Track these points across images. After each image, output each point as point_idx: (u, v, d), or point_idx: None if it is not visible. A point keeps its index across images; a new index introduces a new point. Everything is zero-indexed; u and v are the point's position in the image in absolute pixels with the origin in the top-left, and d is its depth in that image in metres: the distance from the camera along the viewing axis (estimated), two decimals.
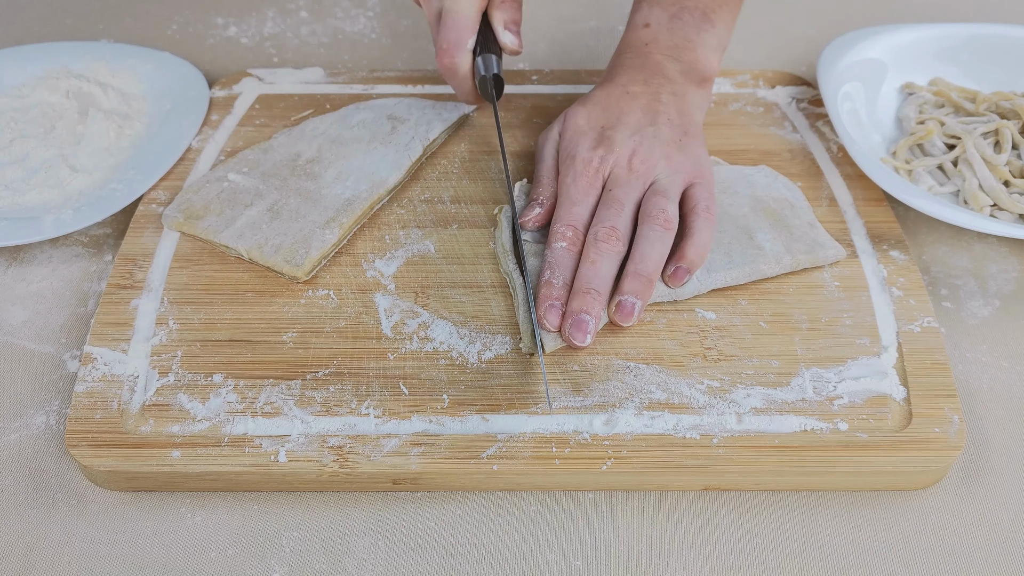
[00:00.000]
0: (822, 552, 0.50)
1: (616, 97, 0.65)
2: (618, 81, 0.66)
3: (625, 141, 0.62)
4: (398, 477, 0.51)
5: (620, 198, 0.59)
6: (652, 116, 0.64)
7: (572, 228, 0.59)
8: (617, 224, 0.58)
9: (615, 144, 0.62)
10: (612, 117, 0.64)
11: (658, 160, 0.61)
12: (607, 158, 0.62)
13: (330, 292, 0.60)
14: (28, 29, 0.87)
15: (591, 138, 0.63)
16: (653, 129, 0.63)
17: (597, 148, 0.62)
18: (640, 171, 0.61)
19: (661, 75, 0.66)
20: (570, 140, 0.64)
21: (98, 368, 0.56)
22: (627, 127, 0.63)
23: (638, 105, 0.64)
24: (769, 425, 0.53)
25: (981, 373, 0.58)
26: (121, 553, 0.50)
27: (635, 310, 0.56)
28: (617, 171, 0.61)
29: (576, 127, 0.65)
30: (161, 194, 0.67)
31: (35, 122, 0.72)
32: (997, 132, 0.69)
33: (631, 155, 0.62)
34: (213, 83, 0.78)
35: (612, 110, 0.64)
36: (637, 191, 0.60)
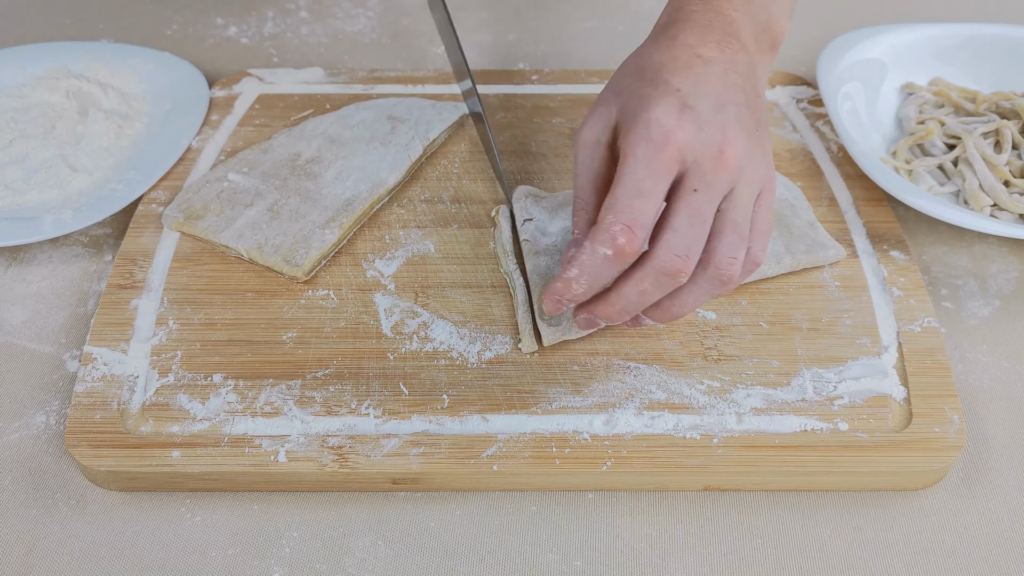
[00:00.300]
0: (822, 552, 0.50)
1: (686, 61, 0.49)
2: (683, 40, 0.50)
3: (712, 118, 0.47)
4: (398, 477, 0.51)
5: (704, 210, 0.46)
6: (733, 92, 0.49)
7: (628, 233, 0.45)
8: (692, 252, 0.46)
9: (701, 119, 0.47)
10: (689, 82, 0.48)
11: (745, 156, 0.47)
12: (694, 136, 0.46)
13: (330, 292, 0.60)
14: (28, 29, 0.87)
15: (670, 103, 0.47)
16: (736, 110, 0.48)
17: (681, 116, 0.46)
18: (731, 168, 0.46)
19: (735, 38, 0.51)
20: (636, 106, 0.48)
21: (98, 368, 0.56)
22: (710, 99, 0.48)
23: (715, 73, 0.49)
24: (769, 425, 0.53)
25: (981, 373, 0.58)
26: (121, 553, 0.50)
27: (644, 325, 0.51)
28: (703, 162, 0.46)
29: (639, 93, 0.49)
30: (161, 194, 0.67)
31: (35, 122, 0.72)
32: (997, 132, 0.69)
33: (722, 141, 0.47)
34: (213, 83, 0.78)
35: (685, 74, 0.49)
36: (719, 198, 0.47)
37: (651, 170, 0.46)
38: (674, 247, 0.45)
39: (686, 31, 0.51)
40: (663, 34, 0.52)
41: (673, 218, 0.46)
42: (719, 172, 0.46)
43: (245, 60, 0.83)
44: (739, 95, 0.49)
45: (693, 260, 0.46)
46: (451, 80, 0.78)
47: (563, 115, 0.74)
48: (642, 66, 0.50)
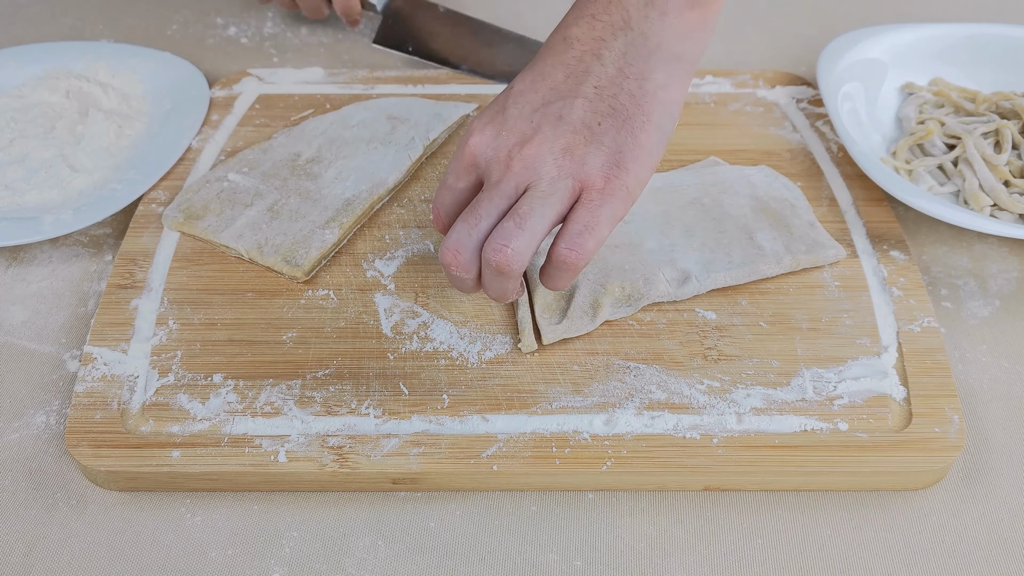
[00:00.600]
0: (822, 552, 0.50)
1: (550, 46, 0.50)
2: (565, 20, 0.51)
3: (521, 121, 0.49)
4: (398, 477, 0.51)
5: (480, 212, 0.48)
6: (575, 82, 0.49)
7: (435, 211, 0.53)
8: (463, 248, 0.48)
9: (506, 124, 0.49)
10: (525, 82, 0.50)
11: (545, 158, 0.48)
12: (489, 143, 0.49)
13: (330, 292, 0.60)
14: (28, 29, 0.87)
15: (491, 109, 0.51)
16: (562, 105, 0.48)
17: (489, 124, 0.50)
18: (516, 171, 0.48)
19: (619, 6, 0.49)
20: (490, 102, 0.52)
21: (98, 368, 0.56)
22: (531, 101, 0.49)
23: (566, 60, 0.49)
24: (769, 425, 0.53)
25: (981, 373, 0.58)
26: (121, 553, 0.50)
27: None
28: (492, 167, 0.49)
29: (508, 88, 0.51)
30: (161, 194, 0.67)
31: (35, 122, 0.72)
32: (997, 132, 0.69)
33: (515, 144, 0.48)
34: (213, 83, 0.78)
35: (532, 72, 0.50)
36: (507, 198, 0.49)
37: (454, 166, 0.51)
38: (448, 240, 0.49)
39: (573, 9, 0.51)
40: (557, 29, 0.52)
41: (459, 220, 0.49)
42: (504, 176, 0.49)
43: (245, 60, 0.83)
44: (584, 85, 0.48)
45: (464, 252, 0.48)
46: (451, 80, 0.78)
47: None
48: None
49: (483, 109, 0.51)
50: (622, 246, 0.60)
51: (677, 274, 0.59)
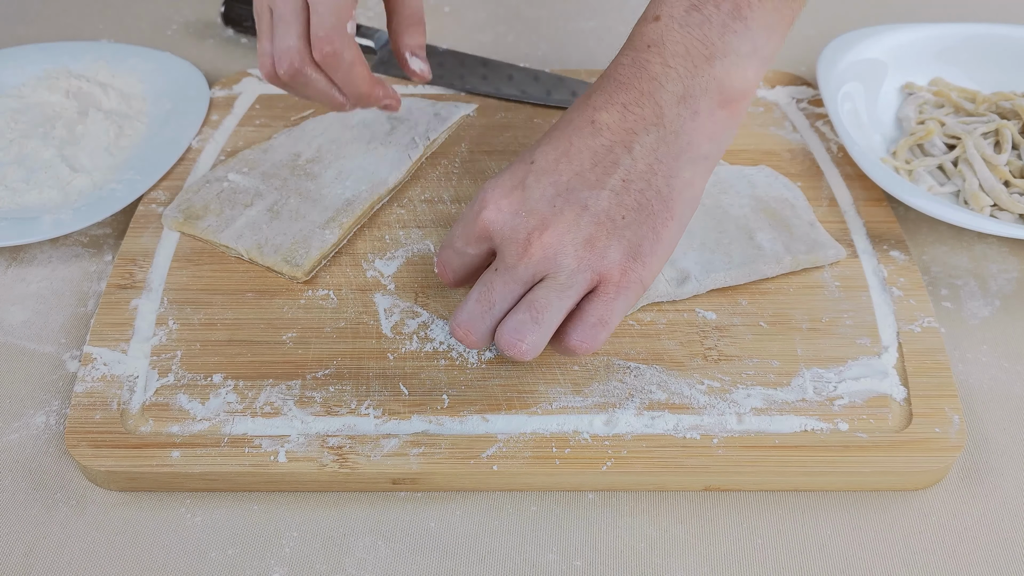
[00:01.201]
0: (822, 552, 0.50)
1: (576, 127, 0.48)
2: (592, 101, 0.49)
3: (541, 202, 0.47)
4: (398, 477, 0.51)
5: (494, 295, 0.48)
6: (602, 172, 0.47)
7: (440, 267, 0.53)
8: (474, 329, 0.49)
9: (527, 202, 0.48)
10: (550, 157, 0.48)
11: (567, 249, 0.47)
12: (507, 220, 0.48)
13: (330, 292, 0.60)
14: (28, 29, 0.87)
15: (512, 176, 0.49)
16: (588, 196, 0.47)
17: (508, 195, 0.48)
18: (535, 259, 0.47)
19: (651, 101, 0.47)
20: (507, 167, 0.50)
21: (98, 368, 0.56)
22: (556, 182, 0.48)
23: (594, 147, 0.48)
24: (769, 425, 0.53)
25: (981, 373, 0.58)
26: (121, 553, 0.50)
27: None
28: (507, 247, 0.48)
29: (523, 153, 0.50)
30: (161, 194, 0.67)
31: (35, 122, 0.72)
32: (997, 132, 0.69)
33: (534, 229, 0.47)
34: (213, 83, 0.78)
35: (557, 145, 0.48)
36: (522, 284, 0.48)
37: (463, 231, 0.50)
38: (458, 318, 0.49)
39: (602, 87, 0.49)
40: (593, 86, 0.50)
41: (471, 292, 0.49)
42: (521, 261, 0.47)
43: (245, 60, 0.83)
44: (612, 175, 0.47)
45: (475, 333, 0.49)
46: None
47: None
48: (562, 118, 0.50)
49: (500, 176, 0.50)
50: None
51: (677, 274, 0.59)
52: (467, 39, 0.85)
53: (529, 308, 0.47)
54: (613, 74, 0.49)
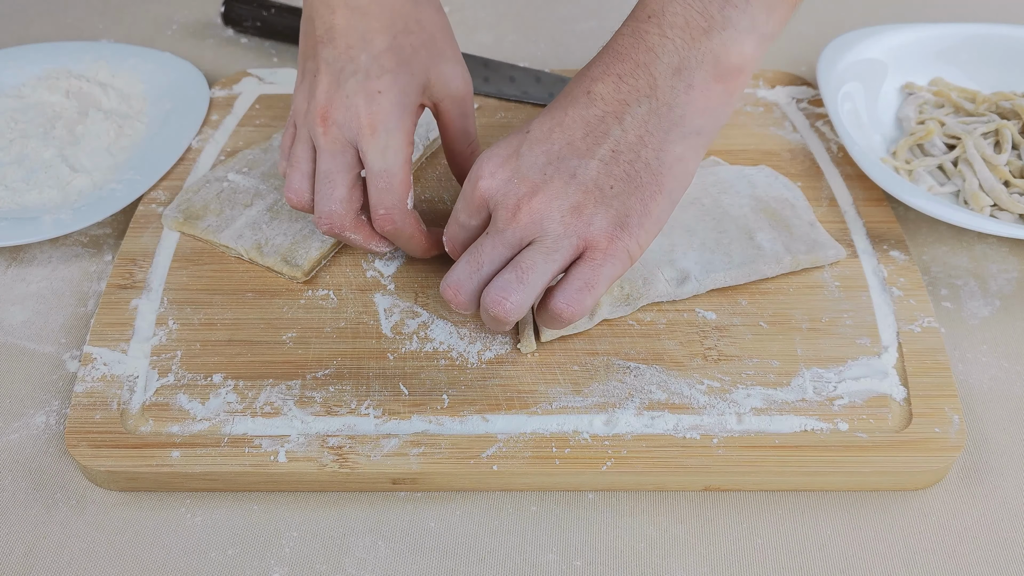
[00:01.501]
0: (822, 552, 0.50)
1: (571, 98, 0.50)
2: (590, 72, 0.50)
3: (533, 171, 0.49)
4: (398, 477, 0.51)
5: (482, 256, 0.50)
6: (593, 142, 0.48)
7: (450, 244, 0.54)
8: (462, 288, 0.50)
9: (519, 170, 0.49)
10: (543, 128, 0.50)
11: (553, 214, 0.48)
12: (500, 187, 0.49)
13: (330, 292, 0.60)
14: (28, 29, 0.87)
15: (506, 147, 0.50)
16: (577, 164, 0.48)
17: (502, 164, 0.50)
18: (522, 223, 0.48)
19: (646, 72, 0.48)
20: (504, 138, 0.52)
21: (98, 368, 0.56)
22: (548, 151, 0.49)
23: (587, 117, 0.49)
24: (769, 425, 0.53)
25: (981, 373, 0.58)
26: (121, 553, 0.50)
27: None
28: (499, 213, 0.49)
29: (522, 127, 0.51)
30: (161, 194, 0.67)
31: (35, 122, 0.72)
32: (997, 132, 0.69)
33: (524, 195, 0.48)
34: (213, 83, 0.78)
35: (551, 117, 0.50)
36: (510, 248, 0.49)
37: (464, 203, 0.51)
38: (448, 279, 0.51)
39: (601, 58, 0.50)
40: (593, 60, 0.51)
41: (462, 257, 0.51)
42: (510, 225, 0.49)
43: (245, 60, 0.83)
44: (602, 145, 0.48)
45: (463, 293, 0.50)
46: None
47: None
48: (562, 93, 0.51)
49: (496, 146, 0.51)
50: None
51: (677, 274, 0.59)
52: (467, 39, 0.85)
53: (515, 268, 0.48)
54: (613, 45, 0.49)
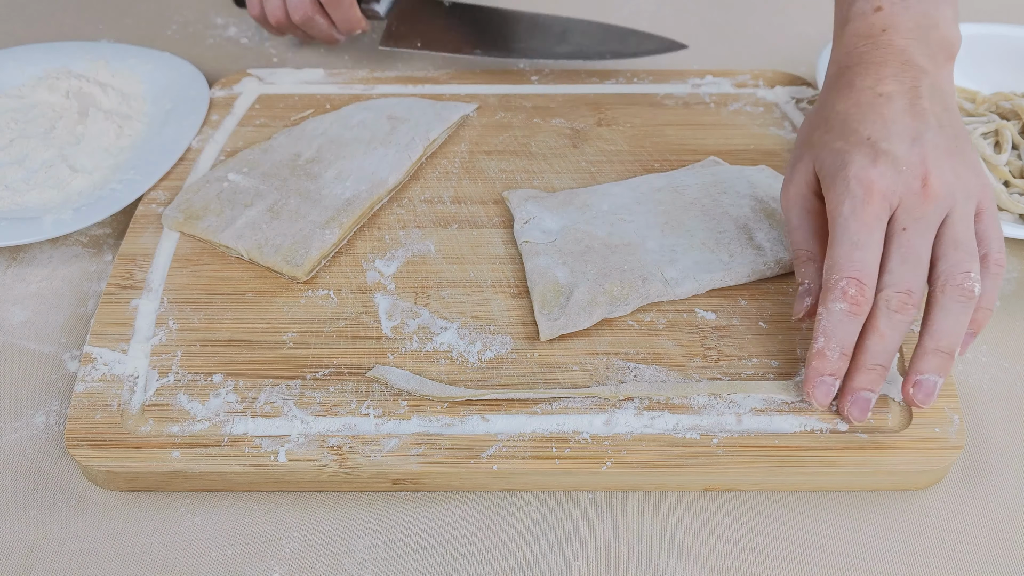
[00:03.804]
0: (822, 552, 0.50)
1: (867, 103, 0.53)
2: (860, 83, 0.54)
3: (908, 155, 0.50)
4: (398, 477, 0.51)
5: (916, 246, 0.50)
6: (923, 120, 0.52)
7: (857, 283, 0.49)
8: (913, 286, 0.49)
9: (898, 159, 0.50)
10: (877, 126, 0.52)
11: (951, 179, 0.50)
12: (894, 180, 0.50)
13: (330, 292, 0.60)
14: (28, 29, 0.87)
15: (862, 154, 0.51)
16: (931, 136, 0.51)
17: (876, 165, 0.50)
18: (937, 197, 0.50)
19: (911, 65, 0.54)
20: (832, 164, 0.52)
21: (98, 368, 0.56)
22: (902, 136, 0.51)
23: (899, 108, 0.52)
24: (769, 425, 0.53)
25: (981, 373, 0.58)
26: (121, 553, 0.50)
27: (935, 389, 0.50)
28: (908, 200, 0.50)
29: (831, 149, 0.53)
30: (161, 194, 0.67)
31: (35, 122, 0.72)
32: (997, 132, 0.69)
33: (924, 175, 0.50)
34: (213, 83, 0.78)
35: (872, 118, 0.52)
36: (933, 228, 0.50)
37: (861, 223, 0.50)
38: (892, 285, 0.49)
39: (861, 74, 0.54)
40: (839, 81, 0.55)
41: (888, 261, 0.50)
42: (926, 205, 0.50)
43: (245, 60, 0.83)
44: (929, 119, 0.52)
45: (916, 293, 0.49)
46: (451, 80, 0.78)
47: (563, 115, 0.74)
48: (827, 117, 0.54)
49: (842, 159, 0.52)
50: (622, 246, 0.60)
51: (676, 274, 0.59)
52: None
53: (957, 246, 0.50)
54: (862, 60, 0.55)
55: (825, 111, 0.55)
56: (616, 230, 0.62)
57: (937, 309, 0.49)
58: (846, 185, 0.50)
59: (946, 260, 0.49)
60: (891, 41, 0.55)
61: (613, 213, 0.63)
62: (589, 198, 0.64)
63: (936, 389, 0.50)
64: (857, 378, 0.50)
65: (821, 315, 0.50)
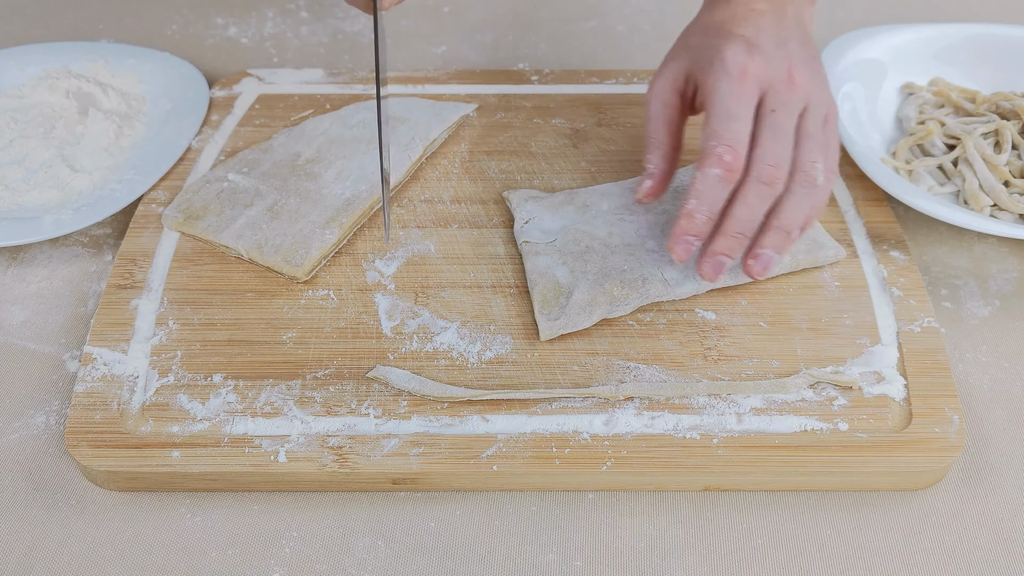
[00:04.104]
0: (822, 552, 0.50)
1: (742, 15, 0.58)
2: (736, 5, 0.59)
3: (776, 52, 0.56)
4: (398, 477, 0.51)
5: (784, 125, 0.54)
6: (788, 31, 0.58)
7: (732, 151, 0.53)
8: (781, 162, 0.53)
9: (767, 53, 0.55)
10: (750, 28, 0.57)
11: (810, 79, 0.56)
12: (764, 68, 0.55)
13: (330, 292, 0.60)
14: (28, 29, 0.87)
15: (739, 45, 0.55)
16: (795, 45, 0.57)
17: (751, 54, 0.55)
18: (801, 88, 0.55)
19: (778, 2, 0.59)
20: (710, 54, 0.56)
21: (98, 368, 0.56)
22: (771, 38, 0.56)
23: (769, 20, 0.58)
24: (769, 425, 0.53)
25: (981, 373, 0.58)
26: (121, 553, 0.50)
27: (771, 264, 0.55)
28: (778, 86, 0.55)
29: (709, 44, 0.57)
30: (161, 194, 0.67)
31: (35, 122, 0.72)
32: (997, 132, 0.69)
33: (790, 69, 0.55)
34: (213, 83, 0.78)
35: (746, 23, 0.57)
36: (796, 115, 0.55)
37: (735, 98, 0.54)
38: (765, 158, 0.53)
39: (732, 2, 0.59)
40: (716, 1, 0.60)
41: (760, 136, 0.53)
42: (792, 93, 0.54)
43: (245, 60, 0.83)
44: (794, 34, 0.58)
45: (784, 167, 0.53)
46: (451, 80, 0.78)
47: (563, 115, 0.74)
48: (705, 25, 0.59)
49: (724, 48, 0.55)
50: (622, 246, 0.60)
51: (676, 274, 0.59)
52: (467, 39, 0.85)
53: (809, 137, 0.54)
54: None
55: (702, 21, 0.60)
56: (616, 230, 0.62)
57: (788, 192, 0.54)
58: (724, 67, 0.55)
59: (801, 147, 0.54)
60: None
61: (613, 213, 0.63)
62: (589, 198, 0.64)
63: (772, 264, 0.55)
64: (719, 241, 0.54)
65: (695, 179, 0.53)
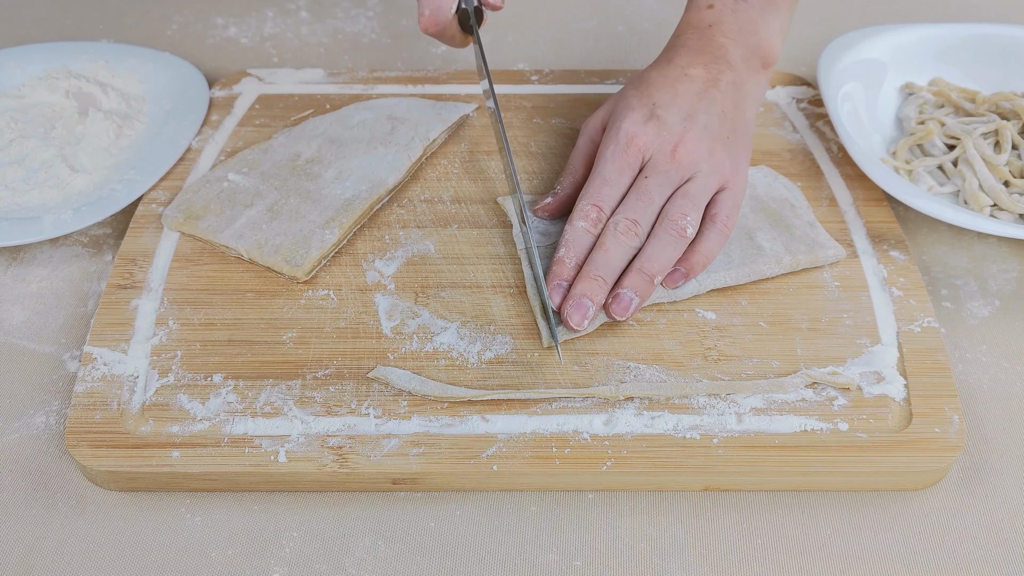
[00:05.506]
0: (822, 552, 0.50)
1: (673, 78, 0.62)
2: (677, 62, 0.64)
3: (675, 124, 0.60)
4: (398, 477, 0.51)
5: (651, 191, 0.58)
6: (707, 104, 0.61)
7: (597, 209, 0.58)
8: (641, 219, 0.57)
9: (664, 125, 0.60)
10: (666, 96, 0.61)
11: (702, 154, 0.60)
12: (653, 139, 0.60)
13: (330, 292, 0.60)
14: (28, 29, 0.87)
15: (641, 114, 0.61)
16: (706, 119, 0.61)
17: (646, 124, 0.60)
18: (683, 163, 0.59)
19: (723, 60, 0.63)
20: (617, 114, 0.62)
21: (98, 368, 0.56)
22: (680, 110, 0.61)
23: (694, 89, 0.62)
24: (769, 425, 0.53)
25: (981, 373, 0.58)
26: (121, 553, 0.50)
27: (631, 306, 0.56)
28: (658, 157, 0.59)
29: (626, 103, 0.62)
30: (161, 194, 0.67)
31: (35, 122, 0.72)
32: (997, 132, 0.69)
33: (677, 142, 0.59)
34: (213, 83, 0.78)
35: (666, 90, 0.62)
36: (672, 184, 0.59)
37: (615, 165, 0.60)
38: (623, 212, 0.58)
39: (680, 54, 0.64)
40: (664, 56, 0.65)
41: (628, 196, 0.59)
42: (670, 164, 0.59)
43: (245, 60, 0.83)
44: (713, 107, 0.61)
45: (644, 221, 0.58)
46: (451, 80, 0.78)
47: (563, 115, 0.74)
48: (641, 79, 0.64)
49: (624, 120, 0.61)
50: None
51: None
52: None
53: (685, 196, 0.59)
54: (685, 44, 0.65)
55: (643, 75, 0.64)
56: None
57: (651, 238, 0.58)
58: (616, 133, 0.60)
59: (674, 204, 0.58)
60: (713, 36, 0.64)
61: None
62: None
63: (632, 306, 0.56)
64: (579, 284, 0.56)
65: (566, 231, 0.58)
